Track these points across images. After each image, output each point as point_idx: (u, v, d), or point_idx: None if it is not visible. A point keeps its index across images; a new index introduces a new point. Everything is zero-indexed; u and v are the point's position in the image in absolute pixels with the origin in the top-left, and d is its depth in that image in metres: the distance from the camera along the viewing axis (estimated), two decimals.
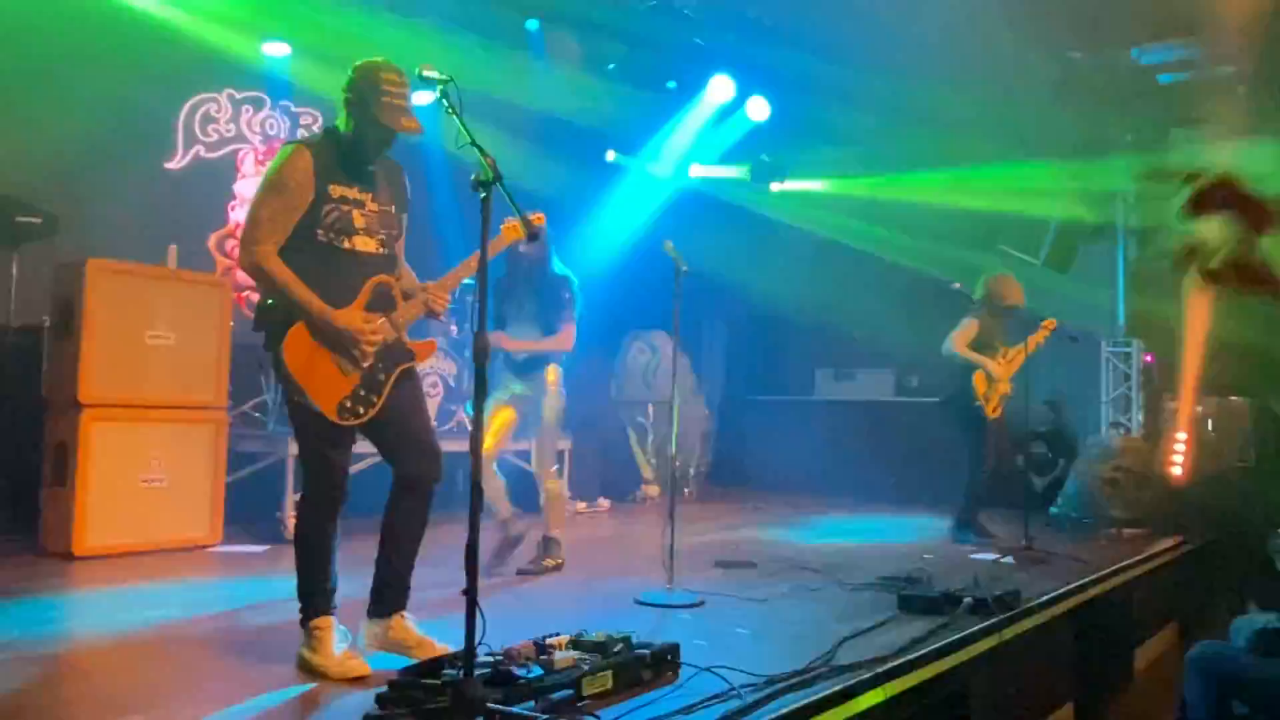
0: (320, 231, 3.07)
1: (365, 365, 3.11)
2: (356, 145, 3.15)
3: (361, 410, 3.11)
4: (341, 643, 3.12)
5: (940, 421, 6.90)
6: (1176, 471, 7.60)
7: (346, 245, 3.11)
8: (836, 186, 10.27)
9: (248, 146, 7.59)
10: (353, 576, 3.34)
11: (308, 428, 3.13)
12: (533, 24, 8.10)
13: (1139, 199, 8.95)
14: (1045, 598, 4.45)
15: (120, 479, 5.11)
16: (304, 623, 3.14)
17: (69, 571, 4.72)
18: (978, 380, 6.33)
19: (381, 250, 3.20)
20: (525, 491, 5.22)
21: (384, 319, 3.16)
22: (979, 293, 6.53)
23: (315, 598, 3.15)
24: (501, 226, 3.83)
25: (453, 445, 4.67)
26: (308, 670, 3.05)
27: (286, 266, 3.02)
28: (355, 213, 3.12)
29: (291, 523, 5.75)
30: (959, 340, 6.39)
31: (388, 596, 3.24)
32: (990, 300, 6.47)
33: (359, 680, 2.96)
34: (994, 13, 6.98)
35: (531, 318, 4.99)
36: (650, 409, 8.97)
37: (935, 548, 6.17)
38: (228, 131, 7.46)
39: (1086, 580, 4.98)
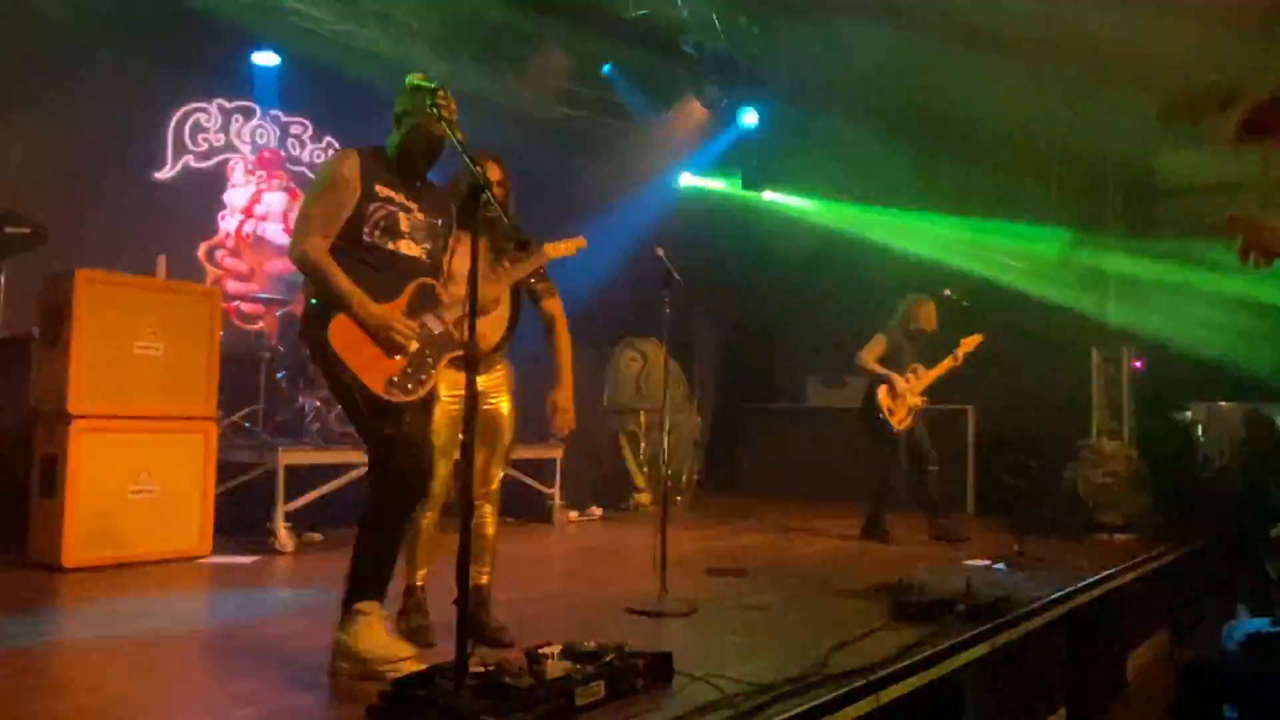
0: (367, 230, 3.11)
1: (412, 350, 3.10)
2: (404, 155, 3.22)
3: (410, 386, 3.07)
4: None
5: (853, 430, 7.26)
6: None
7: (392, 246, 3.16)
8: (826, 197, 10.30)
9: (237, 156, 7.59)
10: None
11: (362, 411, 3.08)
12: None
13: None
14: (1037, 604, 4.45)
15: (109, 490, 5.08)
16: (347, 603, 3.02)
17: (58, 584, 4.69)
18: (881, 393, 6.73)
19: (426, 259, 3.25)
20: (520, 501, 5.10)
21: (431, 314, 3.18)
22: (898, 311, 6.98)
23: (369, 581, 3.05)
24: (545, 247, 3.66)
25: None
26: (347, 657, 2.96)
27: (333, 260, 3.06)
28: (401, 215, 3.18)
29: (282, 533, 5.73)
30: (866, 354, 6.83)
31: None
32: (904, 321, 6.93)
33: (391, 670, 2.84)
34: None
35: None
36: (642, 416, 8.96)
37: (928, 554, 6.17)
38: (217, 141, 7.46)
39: (1078, 586, 4.99)
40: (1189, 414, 8.39)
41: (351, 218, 3.11)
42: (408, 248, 3.19)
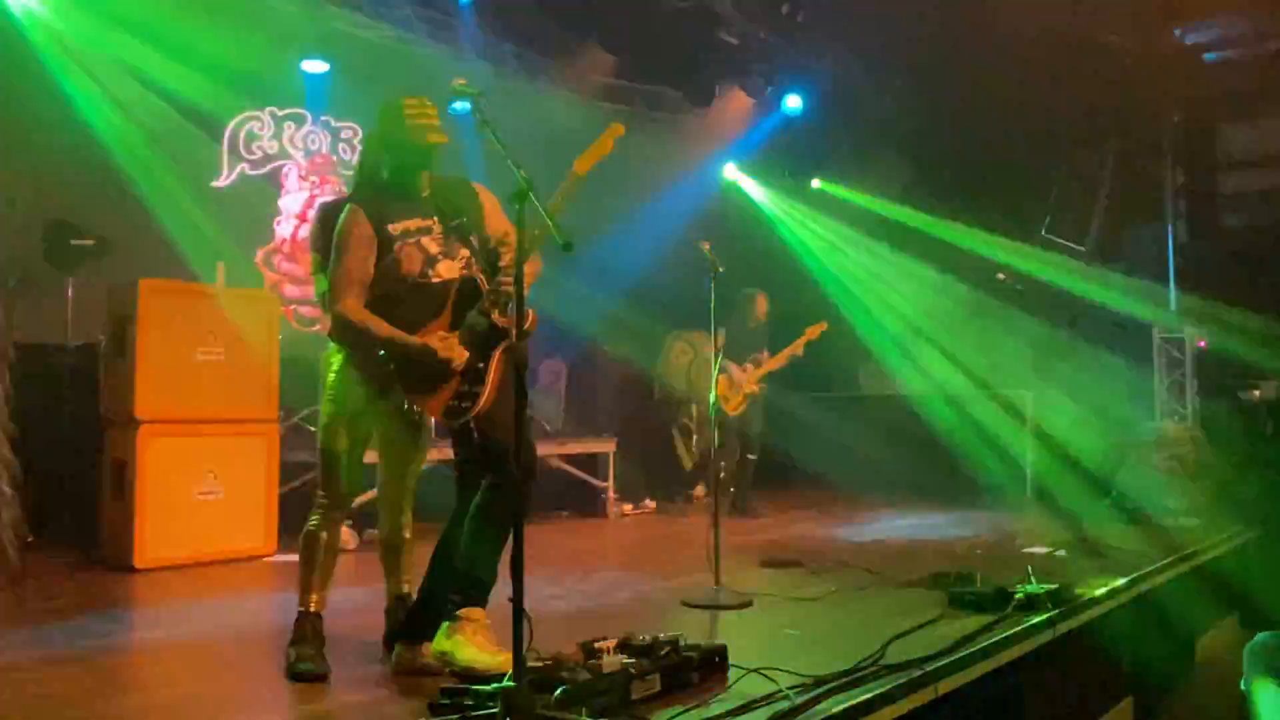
0: (403, 273, 3.12)
1: (460, 369, 3.07)
2: (395, 177, 3.22)
3: (468, 405, 3.05)
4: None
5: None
6: None
7: (435, 278, 3.15)
8: (873, 186, 10.16)
9: (291, 162, 7.73)
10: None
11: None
12: None
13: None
14: (1101, 591, 4.38)
15: (177, 492, 5.23)
16: (452, 611, 3.00)
17: (129, 584, 4.85)
18: (719, 382, 7.11)
19: (464, 271, 3.19)
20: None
21: (475, 312, 3.10)
22: (736, 307, 7.46)
23: (480, 585, 3.04)
24: (576, 163, 3.11)
25: None
26: (451, 663, 2.95)
27: (368, 311, 3.08)
28: (425, 240, 3.16)
29: (345, 530, 5.82)
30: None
31: (429, 619, 3.11)
32: (742, 316, 7.49)
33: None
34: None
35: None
36: (694, 409, 8.95)
37: (985, 542, 6.10)
38: (271, 148, 7.60)
39: (1143, 572, 4.89)
40: (1257, 393, 8.16)
41: (383, 267, 3.12)
42: (446, 270, 3.17)
